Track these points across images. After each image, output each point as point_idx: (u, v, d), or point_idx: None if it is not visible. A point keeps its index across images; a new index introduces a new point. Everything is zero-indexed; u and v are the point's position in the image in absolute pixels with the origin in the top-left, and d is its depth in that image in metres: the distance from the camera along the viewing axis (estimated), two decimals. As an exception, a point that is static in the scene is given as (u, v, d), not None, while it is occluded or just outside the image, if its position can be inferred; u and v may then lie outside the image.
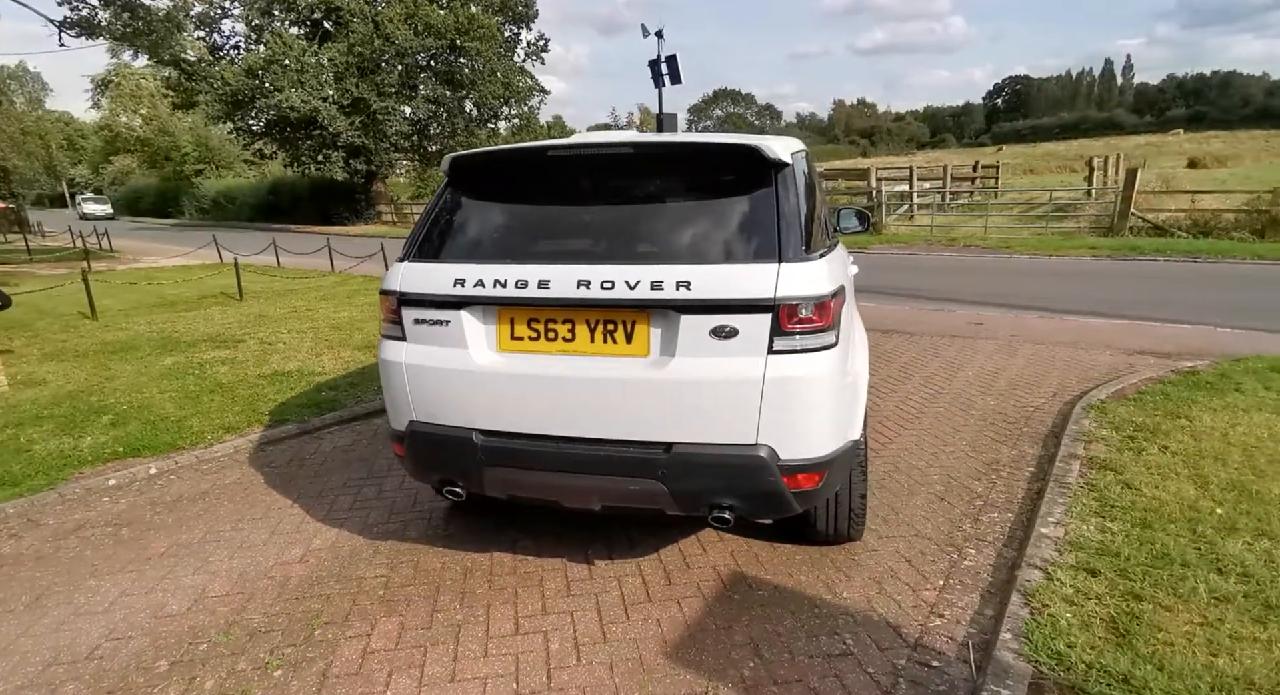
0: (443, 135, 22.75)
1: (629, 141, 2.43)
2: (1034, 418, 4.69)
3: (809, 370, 2.23)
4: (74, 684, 2.22)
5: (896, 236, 18.40)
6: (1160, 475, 3.52)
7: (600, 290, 2.23)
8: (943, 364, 6.14)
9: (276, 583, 2.78)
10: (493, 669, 2.26)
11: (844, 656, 2.33)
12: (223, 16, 21.51)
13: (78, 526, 3.32)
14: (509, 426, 2.39)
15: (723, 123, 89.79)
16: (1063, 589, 2.58)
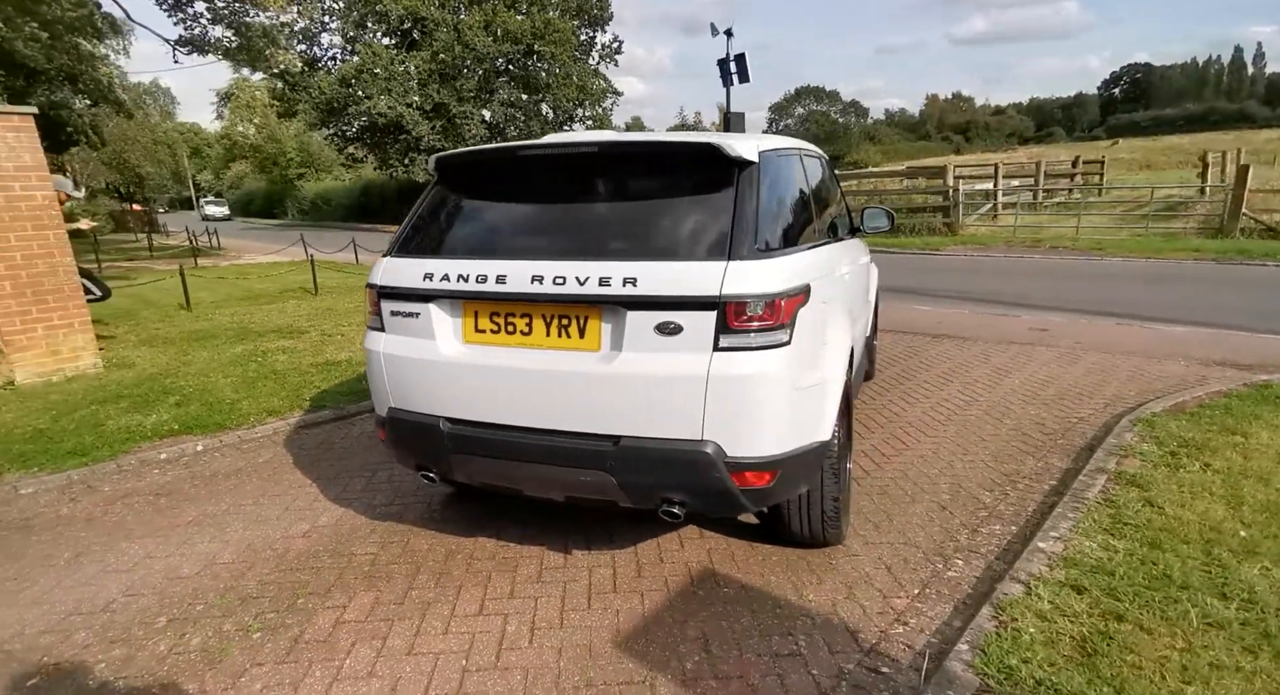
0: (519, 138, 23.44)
1: (594, 141, 2.50)
2: (1074, 430, 4.44)
3: (756, 368, 2.23)
4: (85, 632, 2.49)
5: (975, 237, 17.60)
6: (1191, 494, 3.28)
7: (553, 285, 2.31)
8: (989, 371, 5.88)
9: (277, 554, 3.01)
10: (448, 646, 2.38)
11: (792, 657, 2.31)
12: (321, 30, 23.00)
13: (126, 494, 3.69)
14: (473, 416, 2.51)
15: (804, 121, 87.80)
16: (1039, 604, 2.47)
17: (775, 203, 2.54)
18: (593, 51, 25.59)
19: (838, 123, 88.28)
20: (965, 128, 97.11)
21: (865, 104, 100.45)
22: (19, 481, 3.77)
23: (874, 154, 75.21)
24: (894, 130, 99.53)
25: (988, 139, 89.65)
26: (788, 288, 2.29)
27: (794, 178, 2.93)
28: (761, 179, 2.48)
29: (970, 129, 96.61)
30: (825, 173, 3.82)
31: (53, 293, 5.99)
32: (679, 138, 2.48)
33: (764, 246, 2.32)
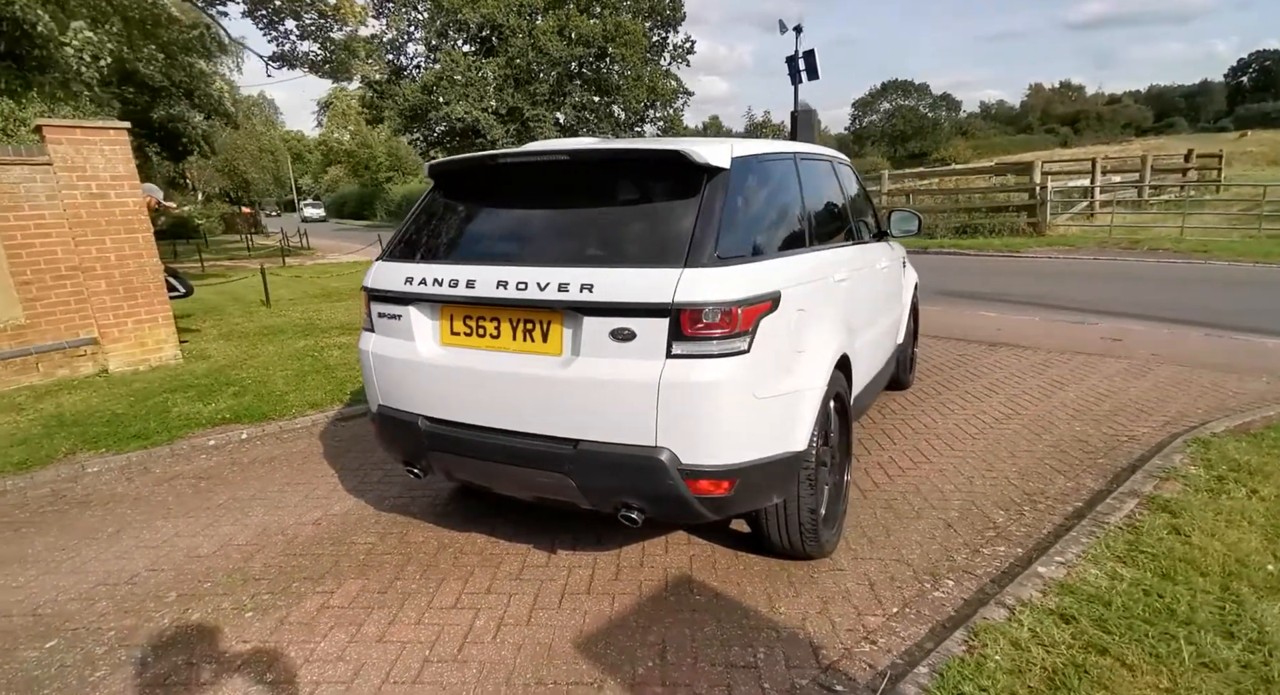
0: (592, 140, 23.89)
1: (566, 150, 2.55)
2: (1120, 449, 4.16)
3: (710, 376, 2.22)
4: (106, 602, 2.75)
5: (1063, 238, 16.58)
6: (1226, 522, 3.03)
7: (515, 290, 2.38)
8: (1043, 383, 5.56)
9: (287, 539, 3.22)
10: (416, 636, 2.49)
11: (747, 669, 2.30)
12: (407, 41, 24.09)
13: (173, 477, 4.03)
14: (448, 415, 2.62)
15: (890, 116, 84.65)
16: (1016, 632, 2.34)
17: (747, 210, 2.51)
18: (664, 52, 25.68)
19: (926, 117, 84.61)
20: (1074, 119, 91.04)
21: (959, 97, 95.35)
22: (87, 461, 4.18)
23: (964, 150, 71.87)
24: (990, 124, 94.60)
25: (1100, 130, 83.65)
26: (746, 296, 2.27)
27: (781, 184, 2.88)
28: (732, 186, 2.46)
29: (1080, 120, 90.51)
30: (838, 177, 3.73)
31: (141, 290, 6.58)
32: (648, 145, 2.50)
33: (726, 254, 2.31)
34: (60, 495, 3.82)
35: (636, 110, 24.22)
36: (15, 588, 2.89)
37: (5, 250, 6.02)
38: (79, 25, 7.85)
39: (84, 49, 7.75)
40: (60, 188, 6.11)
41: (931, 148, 77.15)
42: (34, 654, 2.44)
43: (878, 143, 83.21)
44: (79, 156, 6.14)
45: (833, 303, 2.97)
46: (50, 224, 6.15)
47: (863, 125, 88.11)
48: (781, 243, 2.71)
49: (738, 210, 2.45)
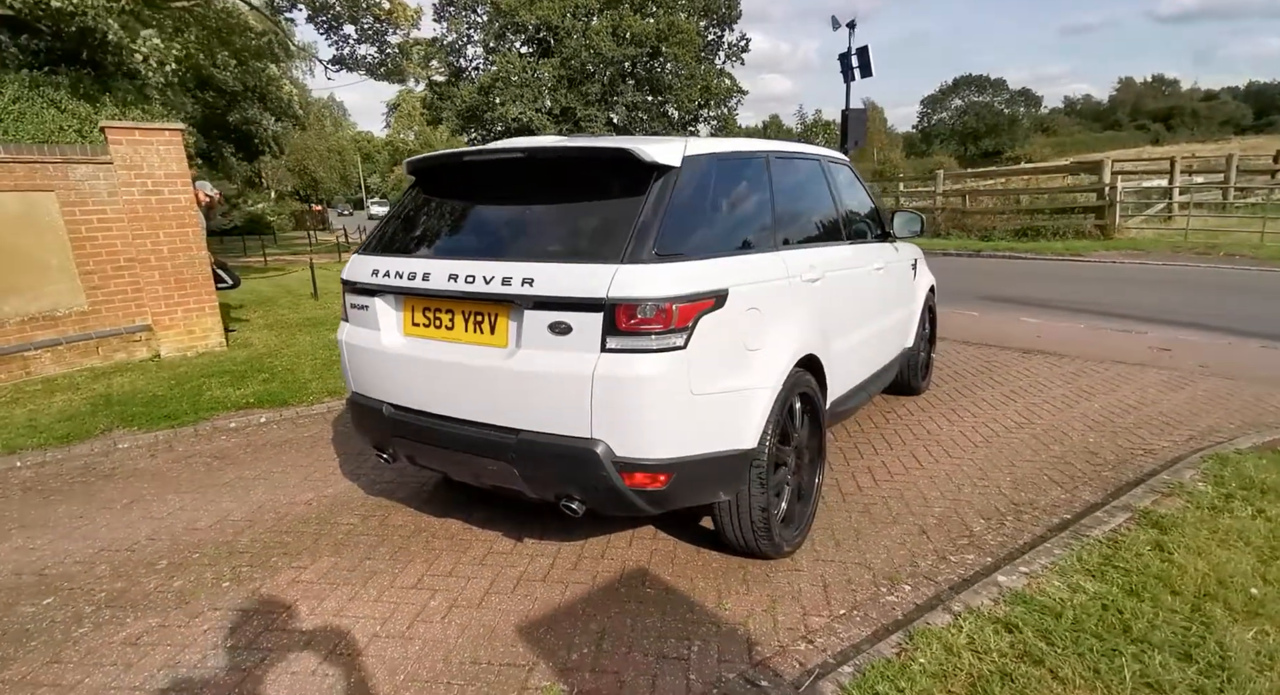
0: (643, 139, 23.97)
1: (522, 147, 2.63)
2: (1132, 462, 3.98)
3: (644, 371, 2.26)
4: (105, 566, 2.98)
5: (1133, 242, 15.76)
6: (1219, 542, 2.88)
7: (465, 284, 2.47)
8: (1069, 392, 5.35)
9: (277, 517, 3.41)
10: (372, 612, 2.61)
11: (677, 661, 2.33)
12: (466, 43, 24.73)
13: (191, 455, 4.31)
14: (409, 403, 2.73)
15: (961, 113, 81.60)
16: (953, 638, 2.30)
17: (696, 208, 2.53)
18: (719, 51, 25.54)
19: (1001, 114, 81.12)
20: (1167, 115, 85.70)
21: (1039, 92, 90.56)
22: (120, 437, 4.51)
23: (1043, 147, 68.79)
24: (1075, 120, 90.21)
25: (1195, 128, 78.56)
26: (683, 293, 2.30)
27: (743, 183, 2.89)
28: (681, 184, 2.49)
29: (1174, 116, 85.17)
30: (827, 177, 3.69)
31: (190, 281, 7.02)
32: (598, 143, 2.56)
33: (667, 251, 2.34)
34: (90, 468, 4.14)
35: (689, 109, 24.19)
36: (31, 549, 3.16)
37: (71, 242, 6.52)
38: (148, 33, 8.42)
39: (151, 55, 8.32)
40: (119, 185, 6.58)
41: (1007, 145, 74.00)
42: (30, 609, 2.67)
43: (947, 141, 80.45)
44: (136, 155, 6.59)
45: (800, 303, 2.96)
46: (111, 218, 6.63)
47: (931, 123, 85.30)
48: (737, 241, 2.72)
49: (685, 208, 2.48)
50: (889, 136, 78.17)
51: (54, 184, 6.37)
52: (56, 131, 7.49)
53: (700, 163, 2.61)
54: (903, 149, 77.46)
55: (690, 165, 2.55)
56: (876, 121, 76.96)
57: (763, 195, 2.97)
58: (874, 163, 64.21)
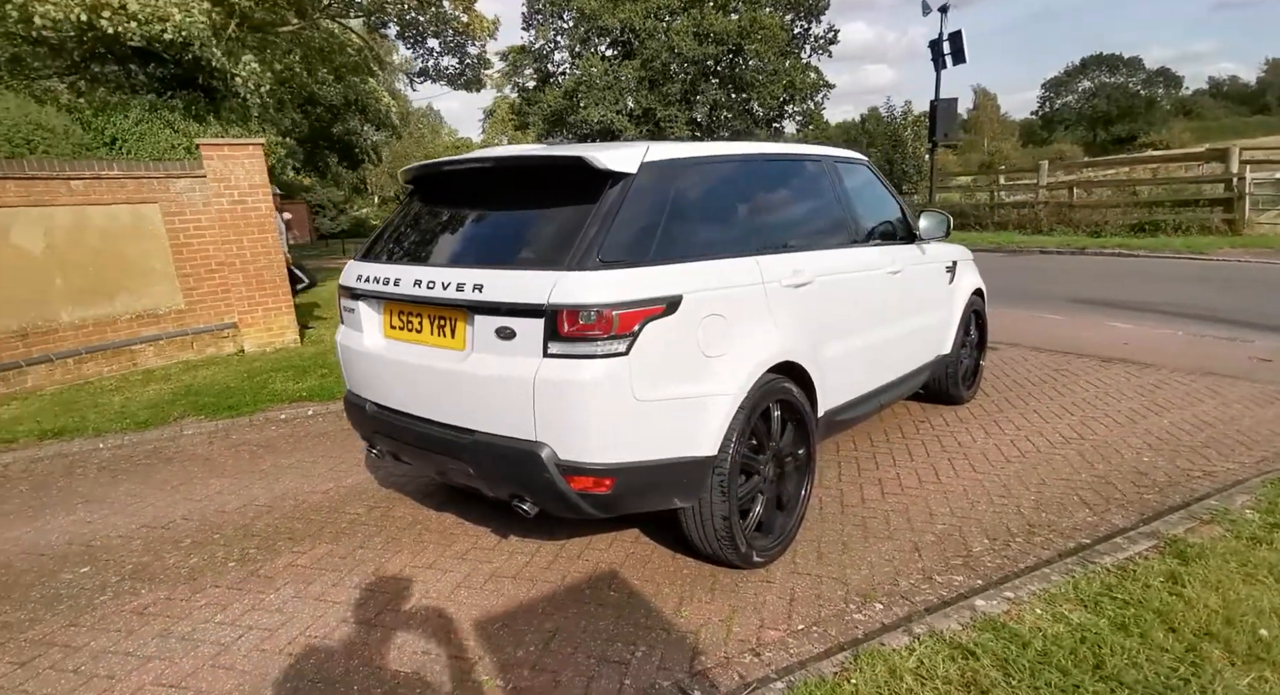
0: (724, 139, 23.71)
1: (489, 156, 2.72)
2: (1184, 485, 3.63)
3: (585, 376, 2.29)
4: (140, 541, 3.32)
5: (1264, 239, 14.16)
6: (1245, 577, 2.60)
7: (426, 289, 2.59)
8: (1139, 406, 4.92)
9: (295, 504, 3.67)
10: (349, 598, 2.78)
11: (618, 664, 2.34)
12: (554, 49, 25.38)
13: (242, 443, 4.69)
14: (387, 402, 2.88)
15: (1090, 96, 75.24)
16: (902, 661, 2.20)
17: (653, 214, 2.52)
18: (806, 44, 24.89)
19: (1137, 96, 74.08)
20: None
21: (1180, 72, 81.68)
22: (187, 425, 4.98)
23: (1181, 133, 62.67)
24: (1221, 103, 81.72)
25: (1365, 111, 69.39)
26: (626, 299, 2.30)
27: (714, 188, 2.84)
28: (636, 191, 2.49)
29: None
30: (833, 178, 3.56)
31: (269, 283, 7.62)
32: (558, 151, 2.60)
33: (614, 258, 2.36)
34: (157, 452, 4.59)
35: (772, 106, 23.75)
36: (87, 522, 3.56)
37: (171, 248, 7.24)
38: (248, 58, 9.21)
39: (250, 78, 9.10)
40: (211, 196, 7.23)
41: (1142, 131, 67.73)
42: (68, 576, 3.02)
43: (1072, 127, 74.58)
44: (225, 169, 7.23)
45: (779, 308, 2.88)
46: (204, 226, 7.31)
47: (1054, 108, 79.20)
48: (702, 247, 2.68)
49: (640, 215, 2.48)
50: (1002, 125, 73.46)
51: (158, 196, 7.09)
52: (169, 150, 8.33)
53: (663, 169, 2.61)
54: (1019, 137, 72.58)
55: (650, 171, 2.55)
56: (988, 109, 72.52)
57: (739, 200, 2.92)
58: (983, 153, 60.57)
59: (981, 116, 71.26)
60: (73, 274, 6.71)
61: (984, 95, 73.15)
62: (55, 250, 6.61)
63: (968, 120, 73.45)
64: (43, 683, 2.32)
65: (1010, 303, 9.18)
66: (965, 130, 70.87)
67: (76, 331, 6.74)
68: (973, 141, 65.04)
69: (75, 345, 6.70)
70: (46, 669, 2.40)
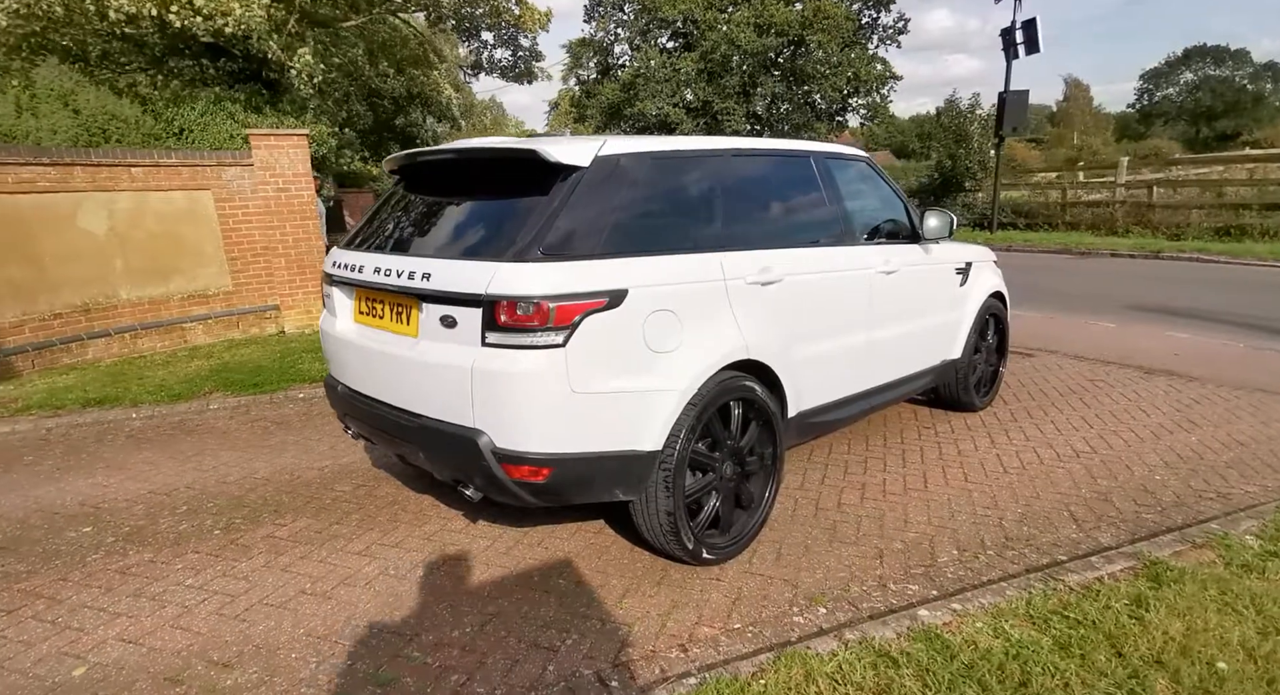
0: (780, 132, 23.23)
1: (455, 148, 2.78)
2: (1192, 506, 3.43)
3: (519, 366, 2.33)
4: (142, 506, 3.55)
5: (1368, 244, 13.00)
6: (1221, 606, 2.45)
7: (383, 277, 2.67)
8: (1169, 422, 4.65)
9: (289, 479, 3.85)
10: (311, 570, 2.90)
11: (547, 651, 2.38)
12: (614, 41, 25.43)
13: (258, 419, 4.94)
14: (353, 384, 2.99)
15: (1193, 90, 70.07)
16: (821, 666, 2.17)
17: (603, 207, 2.52)
18: (874, 34, 24.12)
19: (1244, 90, 68.55)
20: None
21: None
22: (214, 400, 5.28)
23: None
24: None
25: None
26: (563, 292, 2.33)
27: (679, 183, 2.81)
28: (587, 184, 2.50)
29: None
30: (818, 175, 3.46)
31: (310, 267, 7.96)
32: (514, 144, 2.64)
33: (556, 250, 2.38)
34: (182, 424, 4.89)
35: (834, 99, 23.09)
36: (103, 486, 3.83)
37: (221, 233, 7.66)
38: (304, 51, 9.61)
39: (304, 71, 9.49)
40: (258, 184, 7.61)
41: (1246, 127, 62.80)
42: (72, 535, 3.26)
43: (1173, 121, 69.78)
44: (271, 158, 7.59)
45: (741, 306, 2.85)
46: (251, 213, 7.69)
47: (1153, 101, 74.09)
48: (657, 241, 2.66)
49: (588, 208, 2.50)
50: (1095, 117, 69.43)
51: (210, 184, 7.50)
52: (228, 140, 8.75)
53: (618, 163, 2.61)
54: (1112, 132, 68.52)
55: (605, 165, 2.56)
56: (1080, 101, 68.66)
57: (704, 195, 2.89)
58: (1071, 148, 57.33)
59: (1072, 109, 67.51)
60: (132, 255, 7.17)
61: (1075, 86, 69.28)
62: (117, 233, 7.08)
63: (1056, 112, 69.64)
64: (21, 630, 2.53)
65: (1062, 307, 8.77)
66: (1053, 123, 67.29)
67: (134, 309, 7.21)
68: (1061, 135, 61.70)
69: (132, 321, 7.18)
70: (29, 618, 2.60)
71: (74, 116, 8.65)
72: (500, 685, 2.22)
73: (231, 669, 2.30)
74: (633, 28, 23.78)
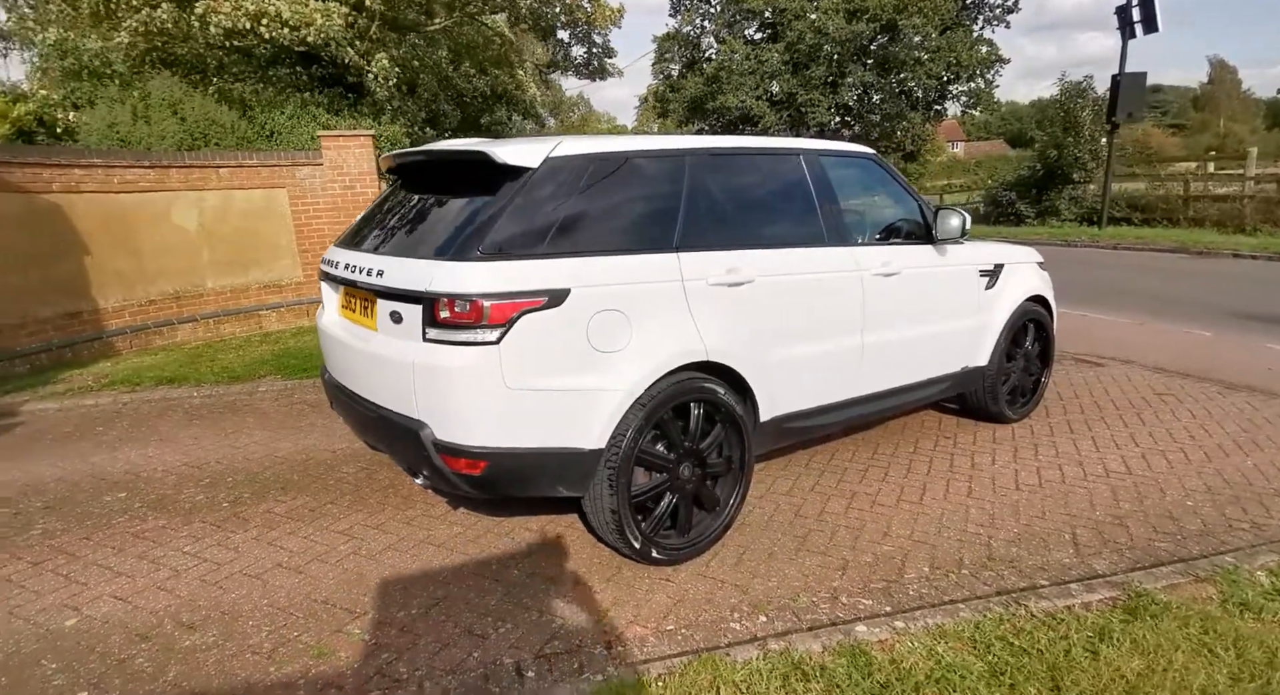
0: (869, 123, 22.34)
1: (424, 150, 2.89)
2: (1217, 537, 3.15)
3: (454, 362, 2.41)
4: (174, 477, 3.89)
5: None
6: (1196, 646, 2.25)
7: (352, 273, 2.82)
8: (1230, 443, 4.27)
9: (303, 459, 4.11)
10: (292, 545, 3.10)
11: (478, 637, 2.46)
12: (700, 35, 25.27)
13: (296, 402, 5.29)
14: (335, 374, 3.18)
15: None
16: (729, 674, 2.16)
17: (555, 208, 2.55)
18: (979, 14, 22.73)
19: None
20: None
21: None
22: (265, 383, 5.71)
23: None
24: None
25: None
26: (500, 290, 2.38)
27: (637, 184, 2.79)
28: (535, 185, 2.55)
29: None
30: (809, 174, 3.33)
31: (375, 262, 8.42)
32: (468, 145, 2.71)
33: (496, 250, 2.44)
34: (233, 404, 5.32)
35: (931, 86, 21.93)
36: (150, 457, 4.23)
37: (294, 227, 8.24)
38: (380, 56, 10.16)
39: (380, 74, 10.04)
40: (327, 181, 8.12)
41: None
42: (108, 498, 3.63)
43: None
44: (339, 158, 8.08)
45: (702, 307, 2.81)
46: (321, 209, 8.22)
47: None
48: (608, 242, 2.66)
49: (534, 208, 2.54)
50: (1242, 103, 62.88)
51: (285, 182, 8.08)
52: (309, 141, 9.39)
53: (570, 164, 2.64)
54: (1262, 119, 61.89)
55: (554, 166, 2.60)
56: (1226, 85, 62.45)
57: (665, 196, 2.86)
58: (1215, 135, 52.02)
59: (1217, 92, 61.41)
60: (217, 248, 7.83)
61: (1221, 67, 63.01)
62: (205, 228, 7.75)
63: (1200, 97, 63.65)
64: (39, 582, 2.86)
65: (1157, 313, 8.08)
66: (1196, 108, 61.46)
67: (218, 296, 7.88)
68: (1206, 121, 56.19)
69: (216, 308, 7.85)
70: (49, 571, 2.94)
71: (180, 123, 9.49)
72: (422, 666, 2.31)
73: (194, 631, 2.51)
74: (718, 20, 23.56)
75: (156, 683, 2.24)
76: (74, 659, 2.36)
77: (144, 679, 2.26)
